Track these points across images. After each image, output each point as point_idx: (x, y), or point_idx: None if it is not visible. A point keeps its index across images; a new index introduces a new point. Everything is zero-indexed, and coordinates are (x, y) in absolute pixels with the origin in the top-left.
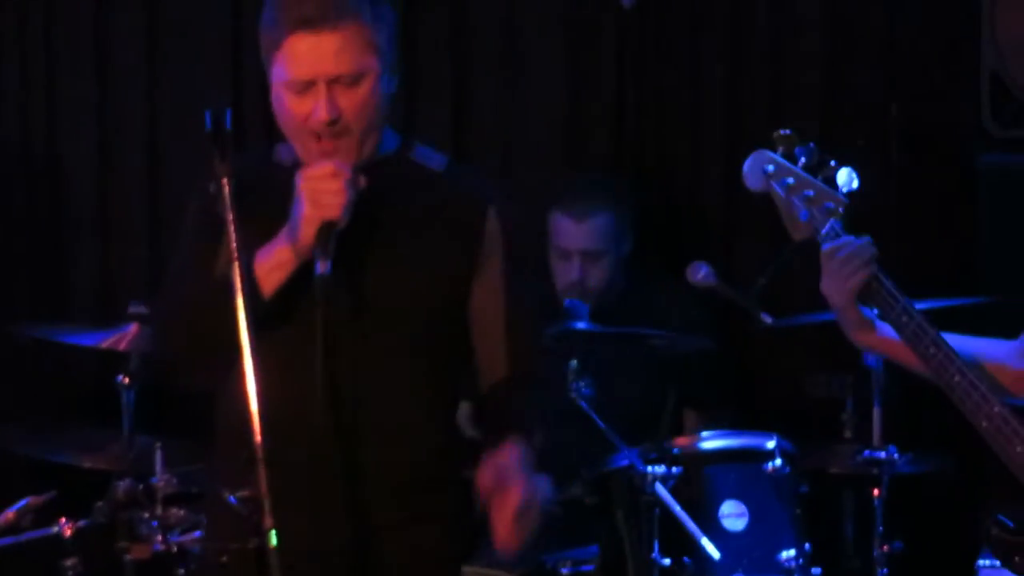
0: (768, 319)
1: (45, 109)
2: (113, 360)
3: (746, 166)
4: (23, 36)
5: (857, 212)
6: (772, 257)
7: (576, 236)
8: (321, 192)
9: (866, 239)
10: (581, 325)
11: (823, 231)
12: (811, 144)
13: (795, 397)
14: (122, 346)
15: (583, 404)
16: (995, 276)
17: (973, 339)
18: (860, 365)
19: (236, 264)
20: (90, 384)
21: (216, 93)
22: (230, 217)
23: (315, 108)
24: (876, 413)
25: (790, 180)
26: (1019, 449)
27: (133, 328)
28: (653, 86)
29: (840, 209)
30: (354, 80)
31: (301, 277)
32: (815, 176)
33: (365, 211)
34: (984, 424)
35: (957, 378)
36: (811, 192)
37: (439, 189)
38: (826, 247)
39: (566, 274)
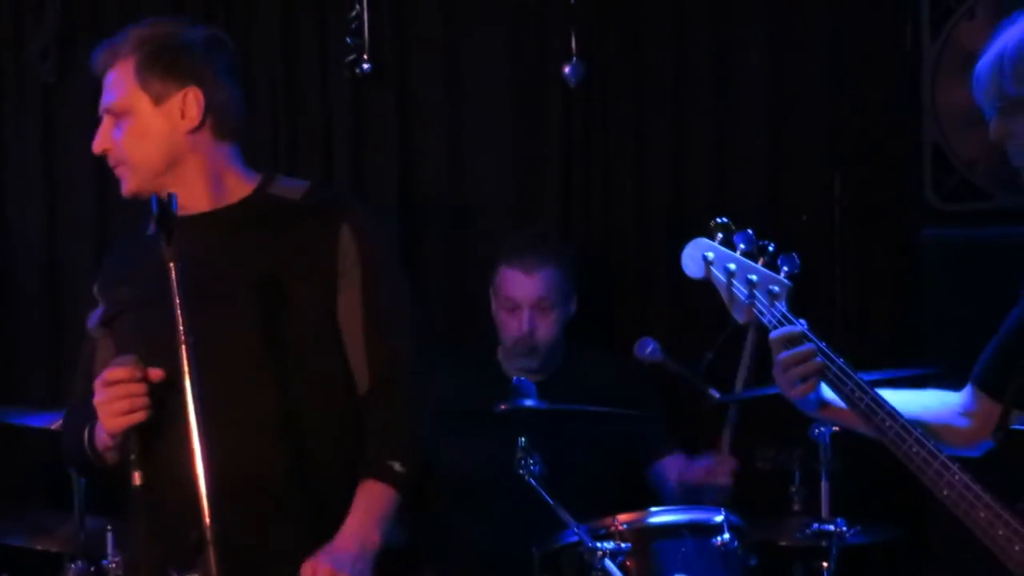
0: (716, 395)
1: None
2: None
3: (684, 255)
4: None
5: (801, 284)
6: (718, 332)
7: (525, 287)
8: (106, 403)
9: (801, 323)
10: (529, 403)
11: (769, 318)
12: (748, 231)
13: (743, 471)
14: None
15: (532, 481)
16: (937, 347)
17: (918, 395)
18: (807, 438)
19: (184, 346)
20: (41, 466)
21: None
22: (177, 301)
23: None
24: (824, 486)
25: (731, 266)
26: (983, 514)
27: None
28: (599, 160)
29: (785, 291)
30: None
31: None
32: (755, 261)
33: (219, 253)
34: (945, 492)
35: (915, 448)
36: (753, 277)
37: (294, 217)
38: (774, 335)
39: (515, 327)
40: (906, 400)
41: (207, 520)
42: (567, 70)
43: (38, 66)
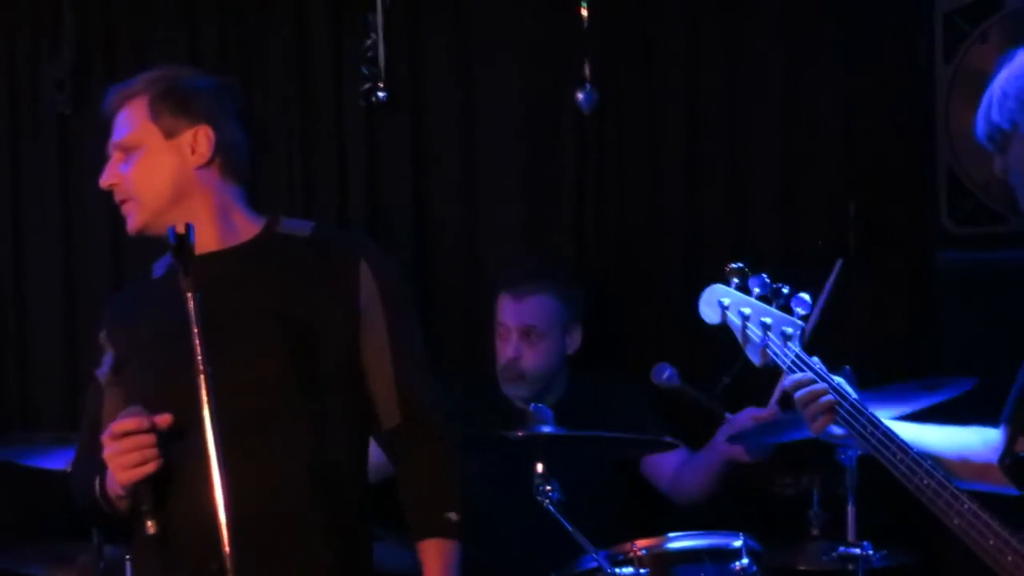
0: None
1: (11, 224)
2: None
3: (701, 302)
4: None
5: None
6: (734, 357)
7: (514, 313)
8: (115, 457)
9: (815, 361)
10: (546, 429)
11: (782, 359)
12: (763, 275)
13: (761, 496)
14: None
15: (551, 508)
16: (954, 372)
17: (960, 432)
18: (831, 462)
19: (203, 376)
20: (60, 496)
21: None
22: (196, 331)
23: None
24: (850, 510)
25: (745, 310)
26: (992, 542)
27: None
28: (613, 186)
29: (798, 332)
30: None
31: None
32: (770, 304)
33: (230, 292)
34: (956, 521)
35: (926, 480)
36: (767, 320)
37: (308, 253)
38: (787, 382)
39: (503, 352)
40: (948, 437)
41: (227, 549)
42: (580, 97)
43: (54, 97)
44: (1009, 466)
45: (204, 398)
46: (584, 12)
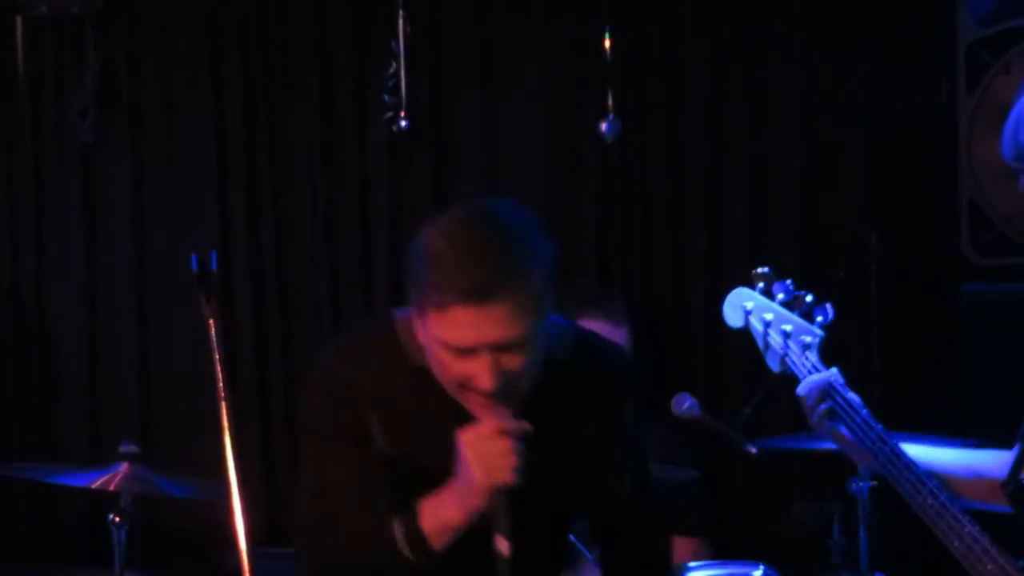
0: (754, 449)
1: (34, 251)
2: (104, 499)
3: (725, 304)
4: (11, 184)
5: (838, 342)
6: (756, 386)
7: (616, 339)
8: (489, 456)
9: (834, 371)
10: None
11: (799, 368)
12: (788, 281)
13: (781, 525)
14: (113, 486)
15: (571, 536)
16: (976, 403)
17: (945, 450)
18: (845, 492)
19: (224, 403)
20: (81, 523)
21: (203, 234)
22: (216, 357)
23: (478, 373)
24: (862, 540)
25: (767, 316)
26: (990, 567)
27: (124, 468)
28: (637, 215)
29: (816, 342)
30: (522, 344)
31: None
32: (792, 311)
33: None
34: (956, 544)
35: (929, 500)
36: (787, 327)
37: (574, 382)
38: (798, 390)
39: None
40: (960, 456)
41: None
42: (603, 127)
43: (78, 125)
44: (1012, 493)
45: (225, 424)
46: (607, 43)
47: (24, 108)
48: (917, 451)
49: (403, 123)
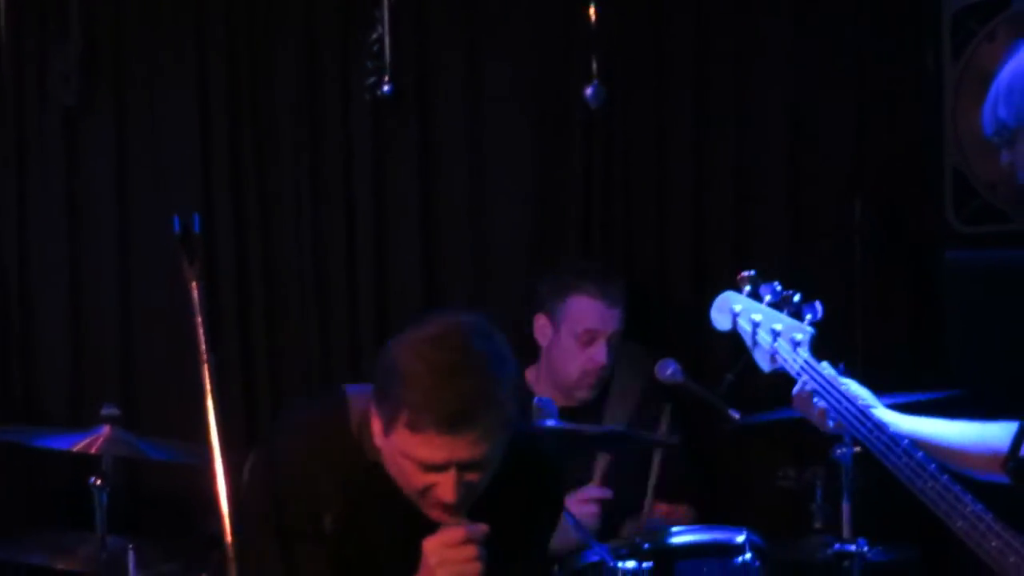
0: (736, 415)
1: (16, 215)
2: (86, 462)
3: (712, 309)
4: None
5: (823, 308)
6: (739, 353)
7: (609, 320)
8: (456, 563)
9: (823, 367)
10: (551, 423)
11: (791, 366)
12: (775, 283)
13: (764, 490)
14: (94, 448)
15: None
16: (959, 369)
17: (951, 424)
18: (828, 458)
19: (206, 365)
20: (62, 486)
21: (186, 200)
22: (199, 319)
23: (441, 485)
24: (845, 506)
25: (756, 317)
26: (995, 543)
27: (105, 430)
28: (620, 182)
29: (807, 339)
30: (486, 463)
31: None
32: (780, 311)
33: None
34: (959, 524)
35: (930, 484)
36: (777, 326)
37: (502, 478)
38: (795, 391)
39: (591, 358)
40: (966, 430)
41: (229, 537)
42: (588, 93)
43: (60, 89)
44: (1012, 469)
45: (207, 386)
46: (592, 9)
47: (6, 72)
48: (922, 425)
49: (387, 88)
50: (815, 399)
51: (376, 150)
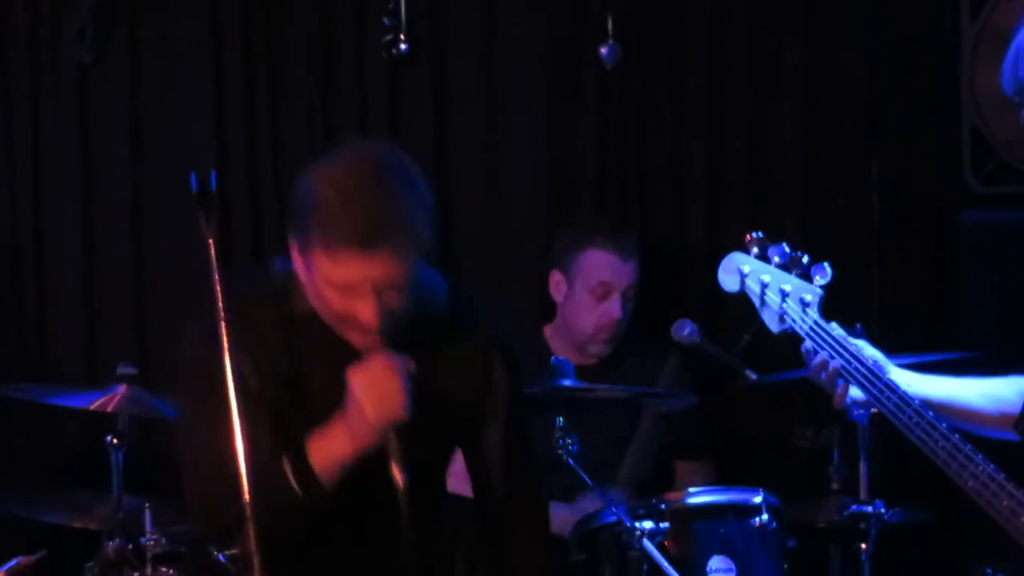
0: (753, 375)
1: (31, 172)
2: (102, 421)
3: (720, 269)
4: (8, 105)
5: (838, 269)
6: (756, 314)
7: (623, 273)
8: (382, 393)
9: (832, 327)
10: (567, 382)
11: (800, 326)
12: (783, 244)
13: (781, 451)
14: (111, 407)
15: (570, 461)
16: (975, 330)
17: (966, 383)
18: (845, 419)
19: (223, 323)
20: (79, 445)
21: (201, 157)
22: (216, 277)
23: (362, 310)
24: (862, 468)
25: (764, 278)
26: (1006, 503)
27: (122, 389)
28: (635, 141)
29: (817, 299)
30: (401, 284)
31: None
32: (789, 272)
33: None
34: (970, 483)
35: (941, 443)
36: (786, 287)
37: (444, 339)
38: (804, 347)
39: (606, 312)
40: (981, 389)
41: (246, 497)
42: (603, 52)
43: (75, 46)
44: None
45: (225, 345)
46: None
47: (21, 29)
48: (934, 384)
49: (403, 47)
50: (816, 355)
51: (391, 108)
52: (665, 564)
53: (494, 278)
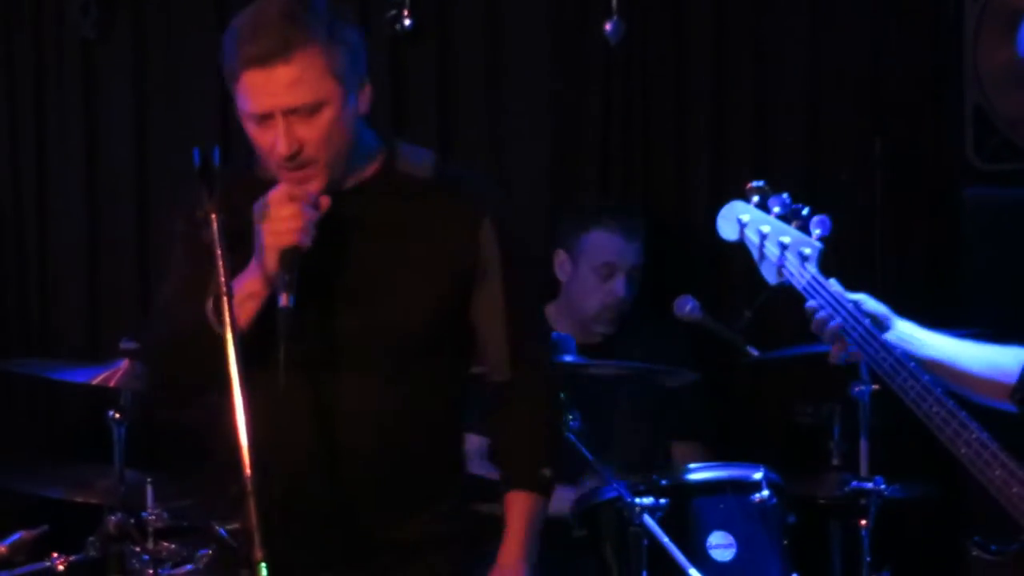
0: (754, 352)
1: (34, 148)
2: (104, 396)
3: (719, 217)
4: (12, 81)
5: (842, 246)
6: (757, 290)
7: (627, 253)
8: (277, 219)
9: (831, 283)
10: (568, 358)
11: (798, 280)
12: (784, 194)
13: (782, 427)
14: (113, 382)
15: (571, 436)
16: (978, 307)
17: (965, 345)
18: (846, 395)
19: (225, 300)
20: (81, 420)
21: (204, 132)
22: (219, 252)
23: (275, 141)
24: (863, 444)
25: (764, 228)
26: (998, 472)
27: (124, 364)
28: (639, 118)
29: (816, 253)
30: (313, 110)
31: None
32: (789, 224)
33: (344, 237)
34: (963, 451)
35: (935, 408)
36: (785, 239)
37: (428, 201)
38: (808, 304)
39: (610, 292)
40: (979, 353)
41: (247, 471)
42: (608, 28)
43: (79, 21)
44: (1021, 400)
45: (227, 320)
46: None
47: (25, 4)
48: (937, 342)
49: (407, 22)
50: (819, 312)
51: (395, 85)
52: (666, 540)
53: None
